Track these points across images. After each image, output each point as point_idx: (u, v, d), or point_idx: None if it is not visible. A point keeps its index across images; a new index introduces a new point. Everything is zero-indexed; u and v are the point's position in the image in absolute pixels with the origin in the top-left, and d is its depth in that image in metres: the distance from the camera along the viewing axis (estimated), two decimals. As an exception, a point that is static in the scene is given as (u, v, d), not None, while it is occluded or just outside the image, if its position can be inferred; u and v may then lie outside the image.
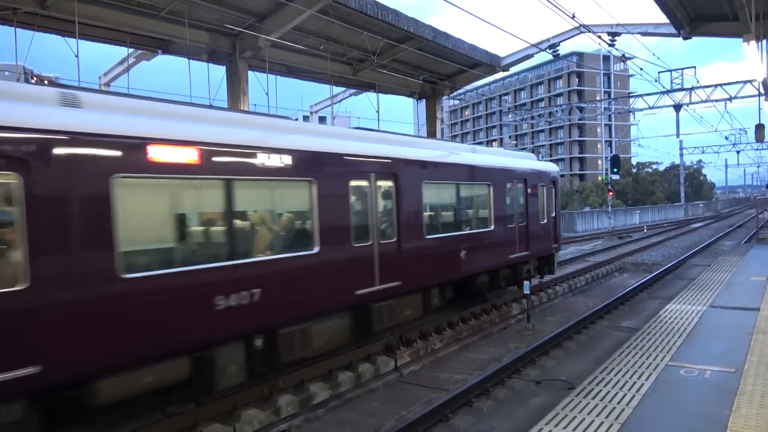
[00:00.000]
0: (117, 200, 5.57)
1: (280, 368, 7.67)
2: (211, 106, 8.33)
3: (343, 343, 8.65)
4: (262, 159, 7.10)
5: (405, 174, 9.63)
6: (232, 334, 6.75)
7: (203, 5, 14.52)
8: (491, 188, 12.28)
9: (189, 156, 6.26)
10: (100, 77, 20.54)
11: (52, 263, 5.11)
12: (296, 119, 13.42)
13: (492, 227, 12.28)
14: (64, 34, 14.24)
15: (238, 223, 6.97)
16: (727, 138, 51.48)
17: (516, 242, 13.25)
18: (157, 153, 5.95)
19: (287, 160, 7.43)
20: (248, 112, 9.99)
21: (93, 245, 5.43)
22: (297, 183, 7.75)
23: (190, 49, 15.82)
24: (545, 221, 14.83)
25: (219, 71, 17.59)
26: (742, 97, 29.38)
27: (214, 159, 6.54)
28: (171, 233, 6.42)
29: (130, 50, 17.35)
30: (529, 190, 13.86)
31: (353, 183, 8.59)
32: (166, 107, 6.73)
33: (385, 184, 9.30)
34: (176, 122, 6.44)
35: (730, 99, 29.94)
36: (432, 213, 10.75)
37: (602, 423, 4.75)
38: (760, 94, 24.02)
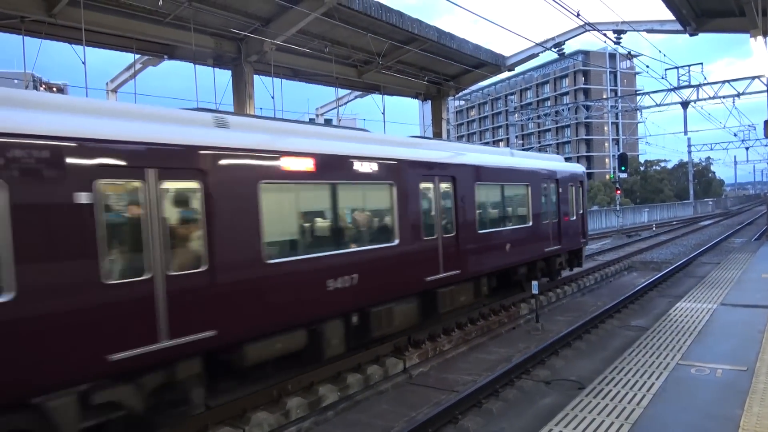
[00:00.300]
0: (262, 201, 6.97)
1: (368, 342, 9.20)
2: (317, 123, 10.19)
3: (413, 323, 9.92)
4: (356, 166, 8.59)
5: (461, 177, 11.06)
6: (337, 311, 8.19)
7: (208, 10, 14.61)
8: (529, 188, 13.63)
9: (307, 165, 7.76)
10: (107, 83, 20.70)
11: (222, 251, 6.46)
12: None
13: (530, 223, 13.61)
14: (72, 42, 14.37)
15: (341, 219, 8.52)
16: (735, 134, 51.16)
17: (550, 237, 14.57)
18: (286, 163, 7.44)
19: (374, 166, 8.92)
20: (345, 128, 11.42)
21: (249, 237, 6.85)
22: (381, 186, 9.22)
23: (196, 54, 15.91)
24: (575, 218, 16.07)
25: (225, 75, 17.69)
26: (750, 93, 29.17)
27: (324, 167, 8.01)
28: (295, 227, 7.88)
29: (137, 56, 17.47)
30: (560, 190, 15.16)
31: (422, 185, 10.03)
32: (289, 126, 8.36)
33: (446, 185, 10.69)
34: (298, 138, 7.98)
35: (738, 95, 29.72)
36: (482, 211, 11.98)
37: (612, 423, 4.72)
38: (768, 90, 23.83)
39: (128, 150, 5.77)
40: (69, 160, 5.28)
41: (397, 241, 9.26)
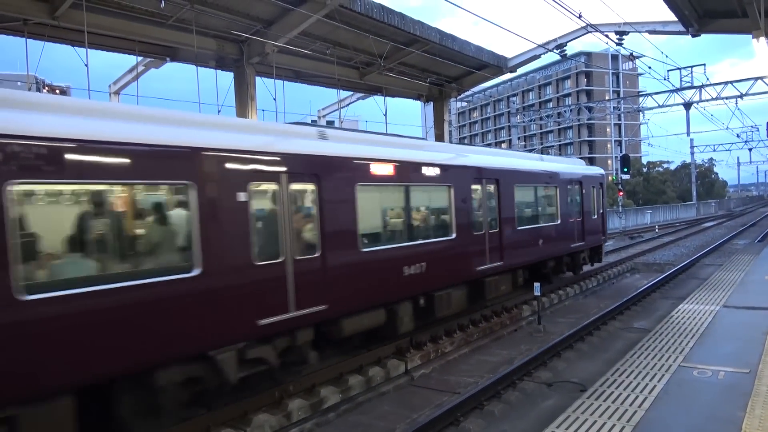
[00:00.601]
0: (358, 200, 8.53)
1: (431, 323, 10.67)
2: (393, 134, 11.22)
3: (463, 307, 11.32)
4: (424, 171, 10.07)
5: (503, 180, 12.47)
6: (410, 293, 9.72)
7: (210, 12, 14.65)
8: (557, 190, 15.04)
9: (389, 170, 9.29)
10: (109, 86, 20.76)
11: (331, 240, 7.99)
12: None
13: (559, 221, 15.01)
14: (74, 44, 14.42)
15: (413, 215, 10.02)
16: (738, 135, 51.03)
17: (575, 234, 15.99)
18: (375, 168, 9.01)
19: (437, 171, 10.40)
20: (413, 137, 12.99)
21: (349, 230, 8.42)
22: (442, 187, 10.64)
23: (198, 56, 15.96)
24: (596, 217, 17.47)
25: (227, 77, 17.73)
26: (753, 94, 29.09)
27: (400, 172, 9.50)
28: (380, 222, 9.52)
29: (139, 58, 17.52)
30: (583, 191, 16.49)
31: (473, 186, 11.51)
32: (374, 137, 10.08)
33: (491, 187, 12.14)
34: (381, 147, 9.54)
35: (741, 96, 29.65)
36: (519, 210, 13.36)
37: (614, 425, 4.70)
38: (771, 91, 23.79)
39: (269, 160, 7.32)
40: (233, 168, 6.80)
41: (454, 235, 10.79)
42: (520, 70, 28.93)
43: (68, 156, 5.29)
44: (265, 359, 7.24)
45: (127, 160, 5.78)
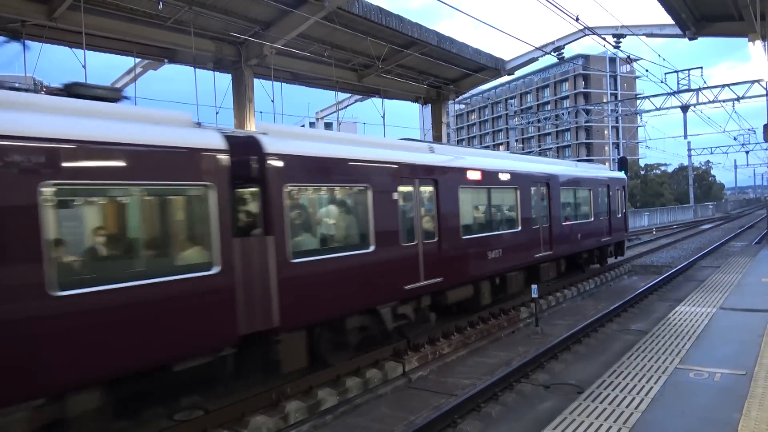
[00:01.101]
0: (460, 198, 11.17)
1: (501, 299, 13.21)
2: (476, 148, 16.39)
3: (521, 289, 13.74)
4: (498, 176, 12.73)
5: (552, 183, 15.07)
6: (491, 273, 12.35)
7: (208, 14, 14.67)
8: (591, 191, 17.61)
9: (477, 176, 11.89)
10: (107, 87, 20.73)
11: (444, 230, 10.54)
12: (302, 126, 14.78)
13: (592, 219, 17.56)
14: (72, 45, 14.43)
15: (493, 211, 12.81)
16: (735, 138, 51.15)
17: (604, 230, 18.56)
18: (469, 175, 11.67)
19: (507, 176, 12.98)
20: (488, 151, 18.45)
21: (455, 221, 11.03)
22: (510, 189, 13.17)
23: (196, 57, 15.97)
24: (620, 216, 20.04)
25: (225, 79, 17.73)
26: (750, 97, 29.22)
27: (485, 177, 12.09)
28: (472, 216, 12.07)
29: (137, 60, 17.53)
30: (610, 193, 19.02)
31: (532, 188, 13.99)
32: (468, 150, 13.66)
33: (543, 189, 14.76)
34: (473, 157, 12.55)
35: (738, 99, 29.78)
36: (563, 208, 15.85)
37: (610, 427, 4.71)
38: (767, 94, 23.86)
39: (409, 169, 9.82)
40: (389, 175, 9.36)
41: (519, 228, 13.33)
42: (518, 73, 29.04)
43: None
44: (407, 315, 9.82)
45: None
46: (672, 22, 17.40)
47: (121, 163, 5.73)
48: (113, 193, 5.94)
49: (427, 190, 10.35)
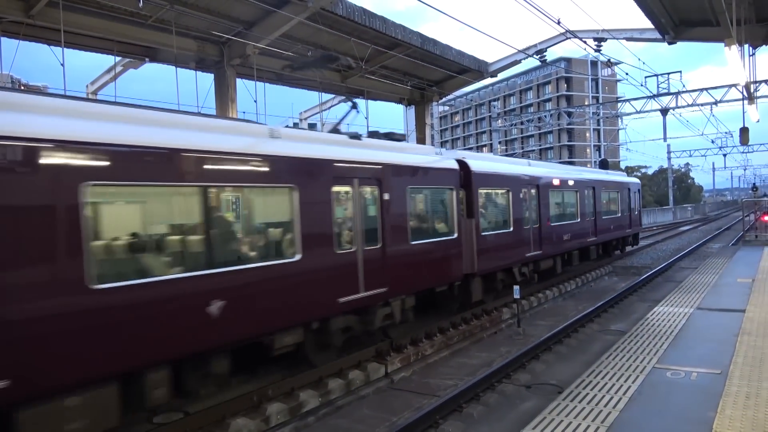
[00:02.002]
0: (542, 197, 15.59)
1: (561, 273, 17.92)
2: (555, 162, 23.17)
3: (576, 263, 19.11)
4: (568, 182, 17.92)
5: (597, 187, 20.46)
6: (568, 250, 17.82)
7: (191, 13, 14.52)
8: (619, 194, 23.00)
9: (557, 182, 16.83)
10: (87, 86, 20.45)
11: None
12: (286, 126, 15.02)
13: (620, 214, 22.90)
14: (50, 43, 14.18)
15: (571, 209, 18.13)
16: (713, 141, 52.10)
17: (627, 223, 23.85)
18: (553, 182, 16.62)
19: (573, 182, 18.30)
20: (558, 162, 28.27)
21: (533, 217, 15.03)
22: (574, 191, 18.53)
23: (178, 57, 15.79)
24: (636, 213, 25.59)
25: (207, 79, 17.58)
26: (727, 101, 29.74)
27: (559, 182, 17.07)
28: (556, 210, 16.88)
29: (117, 58, 17.29)
30: (631, 194, 24.32)
31: (585, 191, 19.43)
32: (543, 163, 21.71)
33: (589, 192, 19.76)
34: (547, 168, 18.04)
35: (716, 103, 30.29)
36: (601, 206, 20.83)
37: (589, 426, 4.76)
38: (743, 98, 24.32)
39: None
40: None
41: (579, 219, 18.51)
42: (502, 75, 29.20)
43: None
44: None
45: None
46: (652, 26, 17.66)
47: (429, 176, 11.29)
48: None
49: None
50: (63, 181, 5.31)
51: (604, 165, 33.01)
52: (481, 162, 13.45)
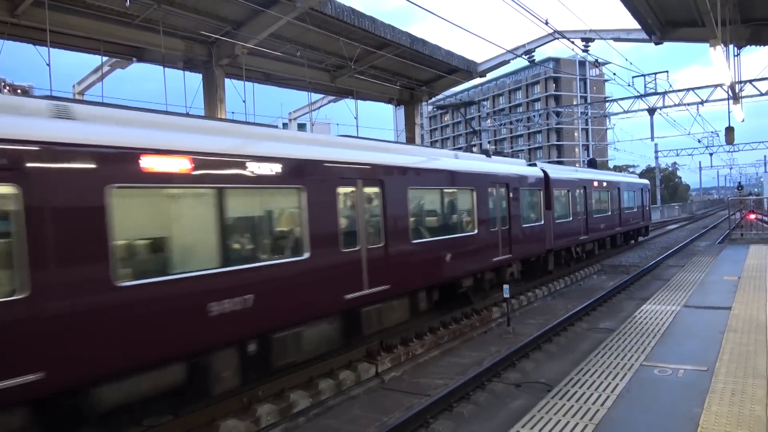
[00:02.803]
0: (588, 196, 20.88)
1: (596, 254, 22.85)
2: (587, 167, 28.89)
3: (607, 248, 24.42)
4: (603, 183, 23.09)
5: (621, 187, 25.05)
6: (602, 237, 22.96)
7: (178, 13, 14.43)
8: (635, 193, 28.16)
9: (596, 183, 22.16)
10: (74, 86, 20.25)
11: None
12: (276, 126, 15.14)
13: (636, 210, 28.32)
14: (36, 43, 14.02)
15: (601, 203, 22.94)
16: (700, 141, 52.64)
17: (640, 217, 29.32)
18: (593, 183, 21.89)
19: (605, 184, 23.31)
20: (596, 170, 31.14)
21: (583, 210, 20.45)
22: (607, 191, 23.38)
23: (166, 56, 15.69)
24: (647, 208, 31.47)
25: (195, 79, 17.47)
26: (713, 101, 30.06)
27: (597, 184, 22.26)
28: (596, 206, 21.97)
29: (104, 58, 17.15)
30: (643, 194, 30.21)
31: (613, 191, 24.05)
32: (585, 169, 26.67)
33: (615, 192, 24.34)
34: (590, 174, 23.34)
35: (702, 103, 30.61)
36: (624, 203, 25.71)
37: (577, 424, 4.79)
38: (729, 98, 24.59)
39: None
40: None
41: (609, 213, 23.35)
42: (491, 75, 29.31)
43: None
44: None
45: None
46: (639, 27, 17.81)
47: (529, 181, 16.40)
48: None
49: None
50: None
51: (592, 164, 33.31)
52: (553, 169, 19.04)
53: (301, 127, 36.06)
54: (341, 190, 8.85)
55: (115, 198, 5.74)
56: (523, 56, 23.29)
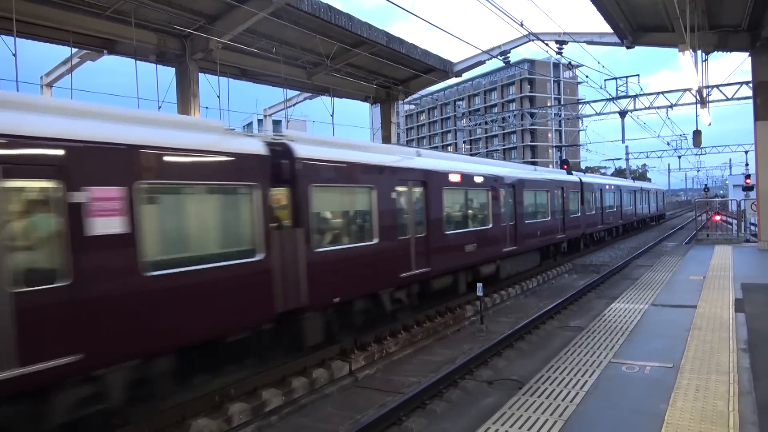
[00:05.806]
0: (602, 195, 28.86)
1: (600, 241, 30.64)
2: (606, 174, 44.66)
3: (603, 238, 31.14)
4: (612, 187, 31.76)
5: (623, 189, 33.95)
6: (610, 226, 31.21)
7: (150, 5, 14.15)
8: (643, 194, 40.00)
9: (607, 188, 30.10)
10: (41, 77, 19.69)
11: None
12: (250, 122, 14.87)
13: (654, 205, 44.30)
14: (1, 32, 13.60)
15: (623, 202, 34.34)
16: (669, 143, 53.87)
17: (654, 210, 45.36)
18: (605, 187, 29.80)
19: (613, 187, 31.81)
20: (605, 176, 50.60)
21: (597, 209, 27.98)
22: (614, 192, 31.84)
23: (137, 49, 15.37)
24: (662, 204, 46.81)
25: (168, 73, 17.17)
26: (682, 105, 30.80)
27: (611, 187, 31.29)
28: (616, 204, 32.37)
29: (74, 50, 16.71)
30: (659, 195, 47.34)
31: (628, 193, 35.67)
32: (604, 177, 43.56)
33: (637, 193, 38.51)
34: (603, 181, 31.91)
35: (671, 106, 31.34)
36: (643, 201, 40.85)
37: (547, 420, 4.87)
38: (696, 102, 25.25)
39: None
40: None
41: (624, 209, 34.02)
42: (467, 75, 29.53)
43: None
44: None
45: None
46: (611, 31, 18.15)
47: (571, 185, 23.84)
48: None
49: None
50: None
51: (565, 165, 33.81)
52: (585, 176, 26.34)
53: (277, 124, 35.75)
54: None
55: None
56: (499, 57, 23.50)
